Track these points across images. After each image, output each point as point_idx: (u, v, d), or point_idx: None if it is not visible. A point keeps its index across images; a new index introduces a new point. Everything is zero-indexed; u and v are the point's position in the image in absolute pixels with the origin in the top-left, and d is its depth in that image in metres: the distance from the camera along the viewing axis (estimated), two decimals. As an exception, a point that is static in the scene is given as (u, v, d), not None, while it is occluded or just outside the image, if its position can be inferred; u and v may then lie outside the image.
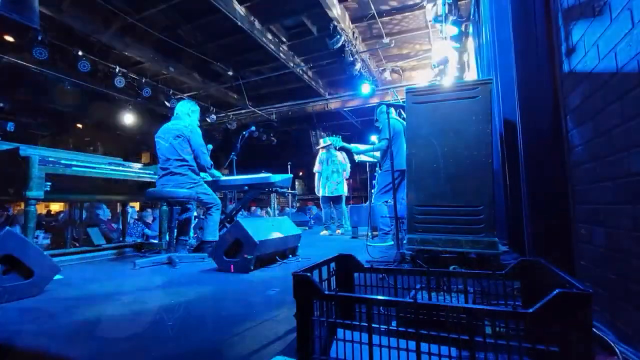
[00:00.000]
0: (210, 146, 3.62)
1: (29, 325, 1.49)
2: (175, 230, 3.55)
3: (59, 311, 1.67)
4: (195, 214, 3.93)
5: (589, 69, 1.26)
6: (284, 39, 7.24)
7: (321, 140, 6.38)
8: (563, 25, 1.53)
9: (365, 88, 7.38)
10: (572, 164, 1.55)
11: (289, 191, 5.48)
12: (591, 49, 1.22)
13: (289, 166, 7.51)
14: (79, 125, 13.05)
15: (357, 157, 5.16)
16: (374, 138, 11.87)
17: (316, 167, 6.15)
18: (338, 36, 5.73)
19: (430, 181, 2.47)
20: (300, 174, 15.84)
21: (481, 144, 2.35)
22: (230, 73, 8.43)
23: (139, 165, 3.96)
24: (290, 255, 3.23)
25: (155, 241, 5.09)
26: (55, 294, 2.00)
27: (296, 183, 15.68)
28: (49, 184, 2.79)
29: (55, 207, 11.44)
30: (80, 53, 6.48)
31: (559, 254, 1.65)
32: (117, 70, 7.32)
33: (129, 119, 9.99)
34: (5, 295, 1.82)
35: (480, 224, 2.30)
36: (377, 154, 4.59)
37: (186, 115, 3.43)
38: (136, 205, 8.31)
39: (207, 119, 10.12)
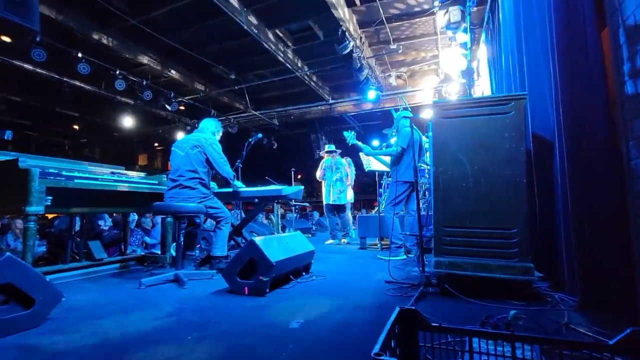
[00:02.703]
0: None
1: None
2: (182, 243, 3.39)
3: (64, 351, 1.50)
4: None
5: (671, 95, 1.13)
6: (290, 43, 7.10)
7: (326, 146, 6.21)
8: (626, 43, 1.40)
9: (372, 94, 7.26)
10: (635, 196, 1.42)
11: (300, 203, 5.32)
12: (677, 73, 1.09)
13: (292, 173, 7.34)
14: (75, 127, 12.83)
15: (366, 166, 5.02)
16: (375, 143, 11.70)
17: (319, 174, 5.90)
18: (347, 42, 5.60)
19: (459, 200, 2.33)
20: (299, 176, 15.68)
21: (515, 163, 2.22)
22: (232, 76, 8.26)
23: (141, 175, 3.78)
24: (304, 273, 3.08)
25: (157, 252, 4.89)
26: (58, 325, 1.82)
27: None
28: (50, 198, 2.61)
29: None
30: (80, 55, 6.29)
31: (617, 297, 1.53)
32: (117, 72, 7.12)
33: (128, 121, 9.78)
34: (5, 329, 1.65)
35: (514, 248, 2.17)
36: (387, 159, 4.45)
37: (210, 132, 3.38)
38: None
39: (208, 123, 9.95)
